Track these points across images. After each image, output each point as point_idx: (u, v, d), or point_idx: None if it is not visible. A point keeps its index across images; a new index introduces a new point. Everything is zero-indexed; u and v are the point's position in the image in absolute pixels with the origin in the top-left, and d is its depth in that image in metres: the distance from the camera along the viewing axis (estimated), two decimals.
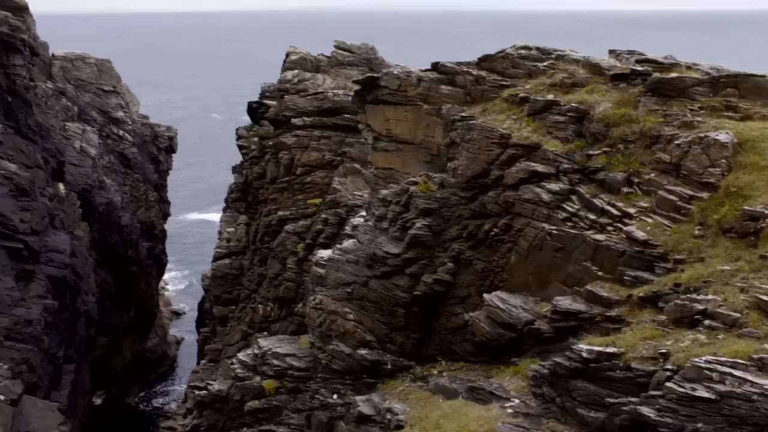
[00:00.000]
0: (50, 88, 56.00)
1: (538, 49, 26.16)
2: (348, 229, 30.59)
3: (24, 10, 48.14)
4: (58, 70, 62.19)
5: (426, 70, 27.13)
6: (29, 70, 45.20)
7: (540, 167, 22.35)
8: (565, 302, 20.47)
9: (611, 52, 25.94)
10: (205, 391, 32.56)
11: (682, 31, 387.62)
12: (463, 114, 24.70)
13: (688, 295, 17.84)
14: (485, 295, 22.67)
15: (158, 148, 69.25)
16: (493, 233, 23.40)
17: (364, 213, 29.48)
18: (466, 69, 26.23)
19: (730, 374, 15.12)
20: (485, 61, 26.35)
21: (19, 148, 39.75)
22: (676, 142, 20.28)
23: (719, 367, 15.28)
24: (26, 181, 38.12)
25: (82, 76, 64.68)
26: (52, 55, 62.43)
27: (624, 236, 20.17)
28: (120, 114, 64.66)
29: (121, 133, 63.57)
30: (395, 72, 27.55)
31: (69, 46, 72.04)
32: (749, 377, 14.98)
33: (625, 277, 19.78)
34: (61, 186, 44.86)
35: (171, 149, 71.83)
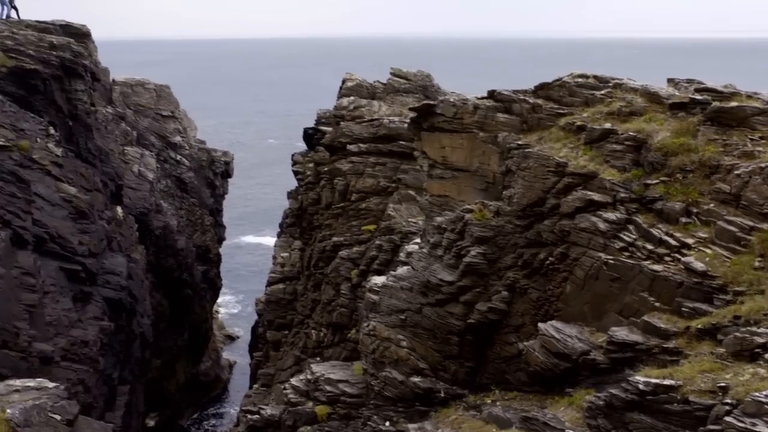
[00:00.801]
0: (110, 112, 56.90)
1: (595, 77, 26.01)
2: (402, 255, 30.58)
3: (86, 36, 49.05)
4: (119, 96, 63.21)
5: (482, 98, 27.11)
6: (90, 96, 46.00)
7: (597, 196, 22.17)
8: (621, 333, 20.22)
9: (670, 80, 25.72)
10: (257, 416, 32.63)
11: (742, 59, 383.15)
12: (519, 142, 24.62)
13: (748, 328, 17.52)
14: (540, 325, 22.49)
15: (214, 172, 69.95)
16: (548, 262, 23.23)
17: (418, 240, 29.46)
18: (522, 97, 26.16)
19: None
20: (542, 89, 26.27)
21: (79, 171, 40.40)
22: (736, 172, 20.01)
23: None
24: (85, 204, 38.70)
25: (142, 101, 65.66)
26: (113, 80, 63.50)
27: (682, 267, 19.89)
28: (177, 139, 65.49)
29: (178, 157, 64.37)
30: (451, 99, 27.57)
31: (129, 72, 73.25)
32: None
33: (683, 309, 19.50)
34: (119, 209, 45.48)
35: (227, 174, 72.53)
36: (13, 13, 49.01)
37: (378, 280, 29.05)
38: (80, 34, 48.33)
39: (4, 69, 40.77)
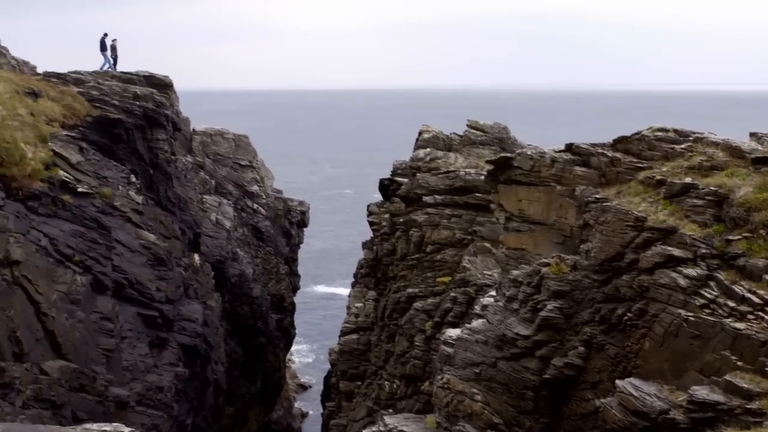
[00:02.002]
0: (190, 161, 57.90)
1: (675, 130, 25.69)
2: (477, 308, 30.37)
3: (169, 87, 50.16)
4: (198, 145, 64.34)
5: (560, 151, 26.95)
6: (171, 145, 46.94)
7: (677, 251, 21.77)
8: (702, 392, 19.71)
9: (752, 134, 25.29)
10: None
11: None
12: (598, 196, 24.36)
13: None
14: (618, 382, 22.04)
15: (290, 222, 70.56)
16: (626, 318, 22.83)
17: (493, 293, 29.24)
18: (600, 150, 25.94)
19: None
20: (620, 143, 26.03)
21: (158, 219, 41.11)
22: None
23: None
24: (164, 251, 39.30)
25: (221, 150, 66.70)
26: (193, 130, 64.70)
27: (765, 325, 19.38)
28: (255, 188, 66.30)
29: (255, 206, 65.11)
30: (528, 152, 27.47)
31: (209, 122, 74.55)
32: None
33: (767, 368, 18.97)
34: (196, 257, 46.08)
35: (303, 223, 73.09)
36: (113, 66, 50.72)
37: (453, 332, 28.85)
38: (163, 85, 49.44)
39: (89, 118, 41.85)
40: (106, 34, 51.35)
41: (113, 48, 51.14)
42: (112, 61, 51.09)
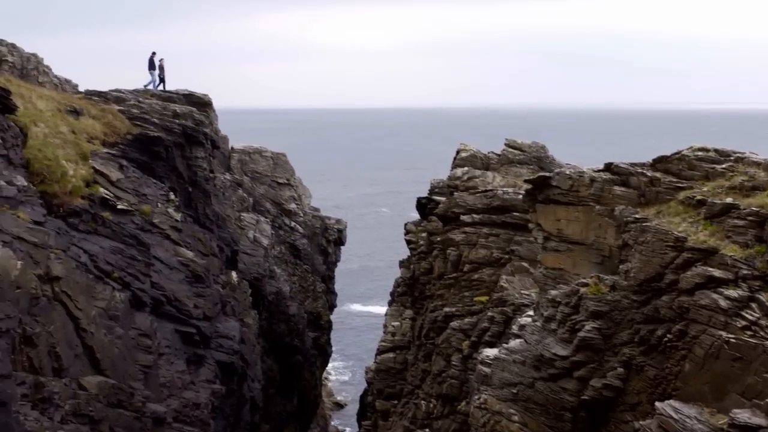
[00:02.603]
0: (228, 179, 58.23)
1: (716, 150, 25.48)
2: (515, 328, 30.18)
3: (208, 105, 50.55)
4: (237, 163, 64.72)
5: (598, 171, 26.82)
6: (210, 163, 47.24)
7: (717, 272, 21.54)
8: (743, 415, 19.44)
9: None
10: None
11: None
12: (637, 216, 24.18)
13: None
14: (657, 404, 21.80)
15: (328, 240, 70.68)
16: (666, 339, 22.60)
17: (531, 313, 29.07)
18: (640, 170, 25.79)
19: None
20: (660, 162, 25.86)
21: (196, 236, 41.32)
22: None
23: None
24: (202, 269, 39.47)
25: (258, 168, 67.05)
26: (232, 148, 65.13)
27: None
28: (292, 206, 66.54)
29: (292, 224, 65.32)
30: (567, 172, 27.36)
31: (247, 140, 75.01)
32: None
33: None
34: (233, 274, 46.25)
35: (340, 241, 73.18)
36: (161, 85, 51.26)
37: (490, 352, 28.71)
38: (202, 103, 49.84)
39: (129, 136, 42.24)
40: (154, 53, 51.85)
41: (161, 67, 51.60)
42: (158, 80, 51.56)
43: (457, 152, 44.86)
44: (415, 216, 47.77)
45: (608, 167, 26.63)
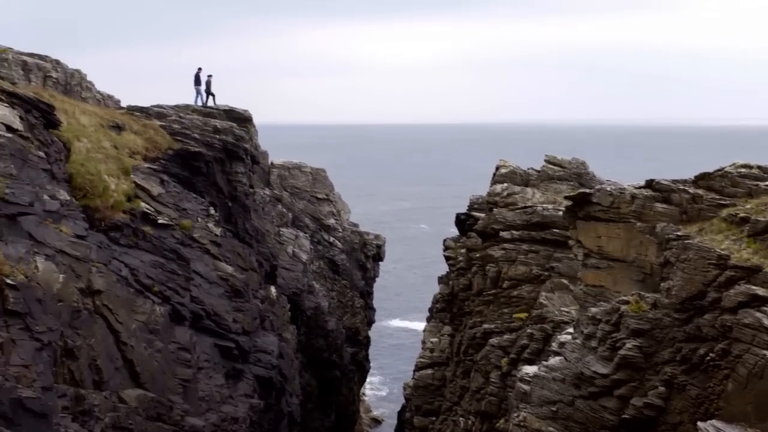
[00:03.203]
0: (267, 194, 58.49)
1: (759, 167, 25.24)
2: (554, 345, 29.99)
3: (248, 121, 50.81)
4: (276, 178, 65.00)
5: (640, 187, 26.63)
6: (249, 178, 47.49)
7: (761, 291, 21.25)
8: None
9: None
10: None
11: None
12: (679, 233, 23.95)
13: None
14: (699, 424, 21.53)
15: (366, 255, 70.69)
16: (708, 358, 22.32)
17: (571, 330, 28.86)
18: (681, 187, 25.57)
19: None
20: (702, 179, 25.63)
21: (236, 251, 41.51)
22: None
23: None
24: (241, 283, 39.65)
25: (298, 183, 67.29)
26: (271, 163, 65.44)
27: None
28: (331, 221, 66.68)
29: (331, 239, 65.44)
30: (608, 188, 27.18)
31: (287, 155, 75.35)
32: None
33: None
34: (272, 289, 46.38)
35: (379, 257, 73.16)
36: (210, 101, 51.61)
37: (529, 369, 28.52)
38: (242, 119, 50.13)
39: (170, 151, 42.56)
40: (200, 69, 52.15)
41: (208, 83, 51.92)
42: (205, 96, 51.91)
43: (497, 168, 44.75)
44: (454, 232, 47.69)
45: (649, 184, 26.44)
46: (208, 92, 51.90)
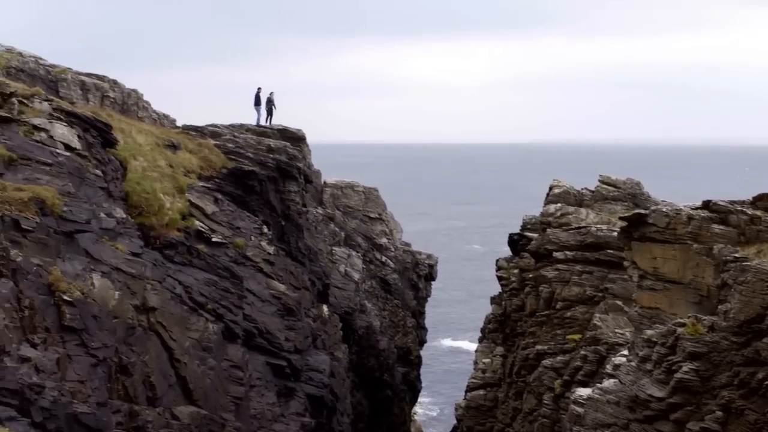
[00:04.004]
0: (320, 213, 58.72)
1: None
2: (609, 368, 29.61)
3: (301, 140, 51.14)
4: (329, 197, 65.24)
5: (696, 208, 26.26)
6: (302, 197, 47.77)
7: None
8: None
9: None
10: None
11: None
12: (737, 255, 23.55)
13: None
14: None
15: (418, 275, 70.55)
16: (767, 383, 21.91)
17: (626, 352, 28.47)
18: (739, 208, 25.17)
19: None
20: (761, 200, 25.21)
21: (288, 269, 41.71)
22: None
23: None
24: (293, 302, 39.81)
25: (350, 203, 67.43)
26: (324, 182, 65.72)
27: None
28: (384, 240, 66.69)
29: (383, 259, 65.44)
30: (663, 209, 26.84)
31: (340, 174, 75.60)
32: None
33: None
34: (324, 308, 46.49)
35: (431, 277, 72.98)
36: (268, 119, 52.12)
37: (583, 391, 28.20)
38: (296, 138, 50.46)
39: (224, 170, 42.98)
40: (260, 89, 52.63)
41: (270, 100, 52.35)
42: (266, 114, 52.35)
43: (550, 188, 44.45)
44: (507, 252, 47.41)
45: (706, 205, 26.06)
46: (270, 110, 52.32)
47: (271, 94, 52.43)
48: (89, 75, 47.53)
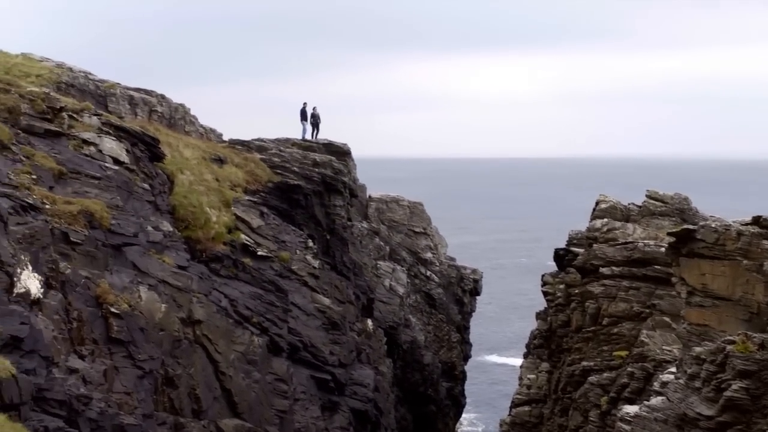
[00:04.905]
0: (365, 227, 58.78)
1: None
2: (656, 385, 29.26)
3: (347, 154, 51.27)
4: (374, 211, 65.32)
5: (746, 224, 25.91)
6: (348, 211, 47.87)
7: None
8: None
9: None
10: None
11: None
12: None
13: None
14: None
15: (463, 289, 70.33)
16: None
17: (673, 369, 28.13)
18: None
19: None
20: None
21: (333, 283, 41.78)
22: None
23: None
24: (338, 316, 39.86)
25: (395, 217, 67.44)
26: (369, 197, 65.83)
27: None
28: (428, 255, 66.60)
29: (428, 273, 65.34)
30: (712, 225, 26.52)
31: (385, 188, 75.70)
32: None
33: None
34: (369, 322, 46.49)
35: (475, 291, 72.74)
36: (315, 133, 52.37)
37: (630, 409, 27.88)
38: (341, 152, 50.60)
39: (270, 184, 43.19)
40: (305, 104, 52.89)
41: (314, 115, 52.60)
42: (311, 129, 52.60)
43: (597, 203, 44.12)
44: (552, 266, 47.08)
45: (756, 220, 25.71)
46: (316, 124, 52.51)
47: (314, 108, 52.64)
48: (137, 90, 48.04)
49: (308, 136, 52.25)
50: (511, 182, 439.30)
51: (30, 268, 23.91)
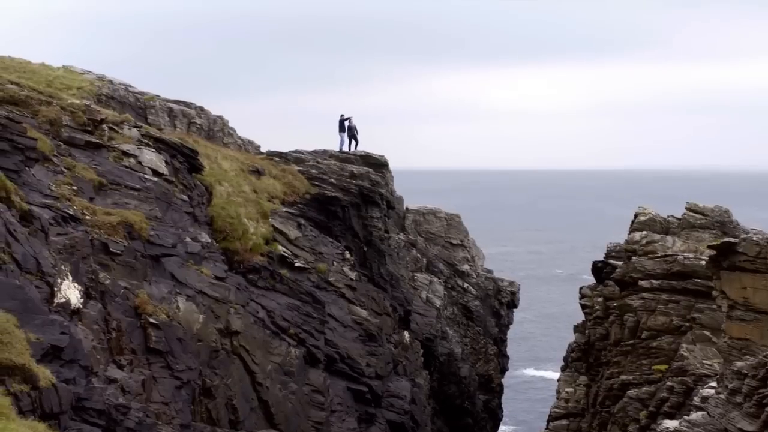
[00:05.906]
0: (402, 239, 58.75)
1: None
2: (696, 399, 28.93)
3: (384, 166, 51.27)
4: (411, 223, 65.31)
5: None
6: (385, 223, 47.86)
7: None
8: None
9: None
10: None
11: None
12: None
13: None
14: None
15: (500, 302, 70.08)
16: None
17: (714, 384, 27.80)
18: None
19: None
20: None
21: (370, 295, 41.78)
22: None
23: None
24: (375, 327, 39.83)
25: (432, 229, 67.37)
26: (406, 208, 65.83)
27: None
28: (465, 267, 66.43)
29: (465, 285, 65.17)
30: (754, 238, 26.21)
31: (422, 200, 75.66)
32: None
33: None
34: (406, 334, 46.41)
35: (513, 304, 72.43)
36: (353, 145, 52.47)
37: (669, 424, 27.57)
38: (379, 164, 50.61)
39: (307, 196, 43.34)
40: (343, 115, 53.01)
41: (351, 127, 52.68)
42: (347, 141, 52.70)
43: (635, 215, 43.79)
44: (590, 278, 46.79)
45: None
46: (354, 136, 52.58)
47: (350, 120, 52.71)
48: (177, 102, 48.44)
49: (345, 148, 52.36)
50: (547, 194, 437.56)
51: (70, 278, 24.10)
